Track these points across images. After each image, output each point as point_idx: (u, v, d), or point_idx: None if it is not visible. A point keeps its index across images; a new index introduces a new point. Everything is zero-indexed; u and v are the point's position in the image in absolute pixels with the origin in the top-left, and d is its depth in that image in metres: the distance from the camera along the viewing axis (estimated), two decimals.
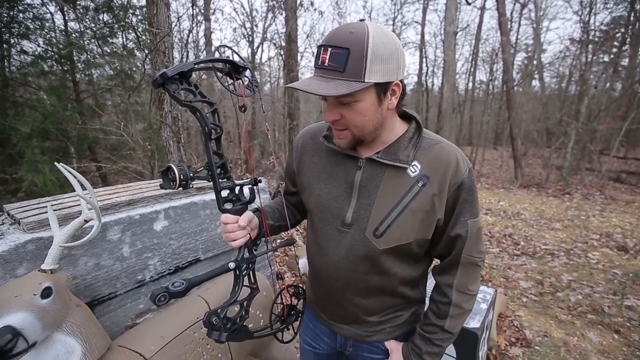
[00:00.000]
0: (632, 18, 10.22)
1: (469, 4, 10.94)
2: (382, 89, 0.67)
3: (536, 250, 3.97)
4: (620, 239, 4.27)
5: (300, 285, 0.88)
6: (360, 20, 0.66)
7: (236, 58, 0.73)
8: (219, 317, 0.69)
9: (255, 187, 0.79)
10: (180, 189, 0.67)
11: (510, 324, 2.46)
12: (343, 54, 0.62)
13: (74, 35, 5.02)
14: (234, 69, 0.71)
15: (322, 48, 0.64)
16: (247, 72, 0.74)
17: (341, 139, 0.73)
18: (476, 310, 1.68)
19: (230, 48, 0.75)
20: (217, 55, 0.69)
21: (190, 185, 0.69)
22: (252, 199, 0.79)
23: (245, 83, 0.74)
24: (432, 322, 0.80)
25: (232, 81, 0.72)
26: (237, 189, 0.76)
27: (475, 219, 0.76)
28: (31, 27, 4.71)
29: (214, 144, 0.71)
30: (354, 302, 0.83)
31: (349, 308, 0.84)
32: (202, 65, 0.67)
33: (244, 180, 0.78)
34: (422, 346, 0.80)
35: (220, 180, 0.72)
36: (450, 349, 1.61)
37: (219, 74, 0.70)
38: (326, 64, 0.64)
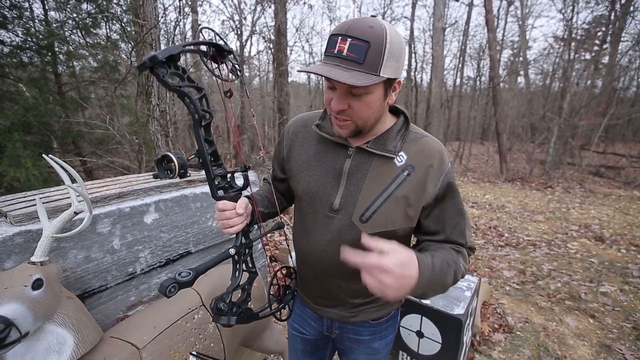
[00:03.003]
0: (612, 17, 10.53)
1: (457, 0, 11.05)
2: (389, 84, 0.70)
3: (519, 242, 4.11)
4: (597, 230, 4.47)
5: (292, 266, 0.90)
6: (372, 16, 0.68)
7: (221, 42, 0.71)
8: (225, 302, 0.70)
9: (246, 174, 0.78)
10: (178, 178, 0.66)
11: (493, 311, 2.56)
12: (364, 47, 0.63)
13: (54, 25, 4.84)
14: (219, 53, 0.69)
15: (340, 37, 0.65)
16: (231, 57, 0.71)
17: (343, 128, 0.74)
18: (460, 297, 1.76)
19: (213, 30, 0.72)
20: (200, 37, 0.67)
21: (189, 174, 0.68)
22: (245, 185, 0.79)
23: (229, 67, 0.72)
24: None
25: (216, 65, 0.69)
26: (228, 176, 0.76)
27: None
28: (8, 15, 4.51)
29: (203, 131, 0.69)
30: (339, 285, 0.86)
31: (333, 291, 0.88)
32: (191, 47, 0.65)
33: (235, 169, 0.78)
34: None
35: (212, 167, 0.71)
36: (437, 335, 1.68)
37: (204, 59, 0.68)
38: (344, 53, 0.64)
